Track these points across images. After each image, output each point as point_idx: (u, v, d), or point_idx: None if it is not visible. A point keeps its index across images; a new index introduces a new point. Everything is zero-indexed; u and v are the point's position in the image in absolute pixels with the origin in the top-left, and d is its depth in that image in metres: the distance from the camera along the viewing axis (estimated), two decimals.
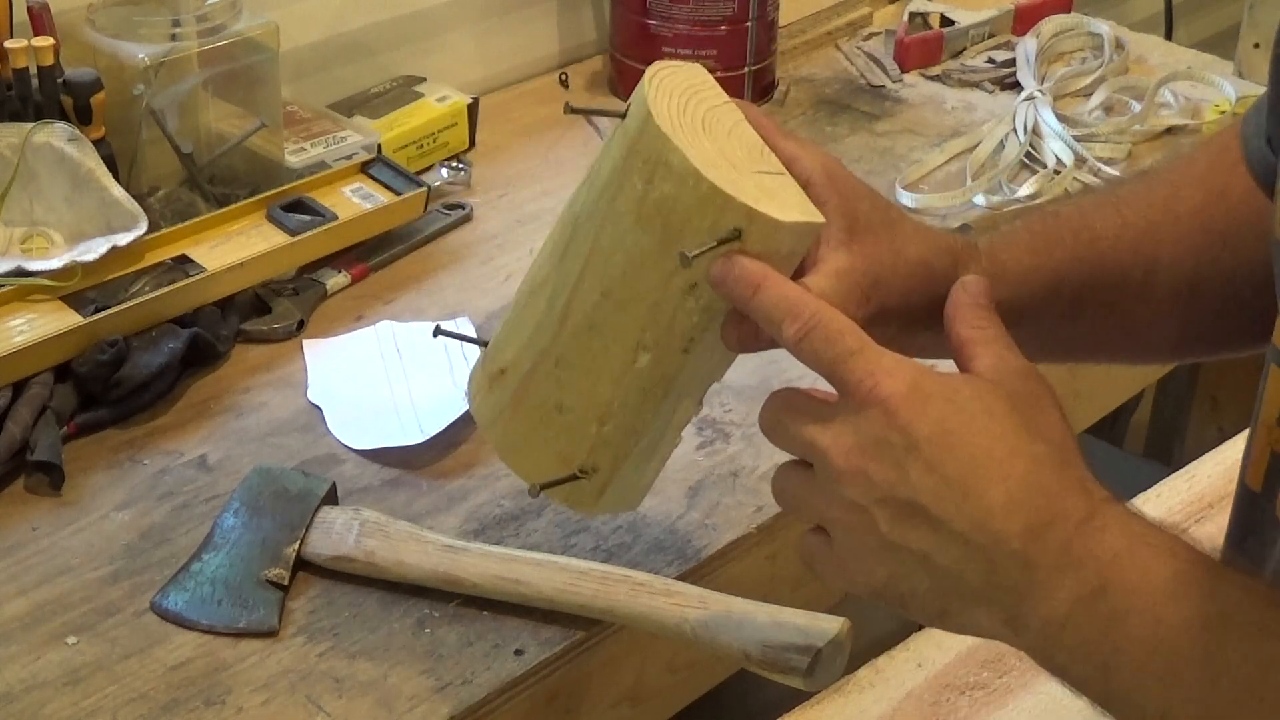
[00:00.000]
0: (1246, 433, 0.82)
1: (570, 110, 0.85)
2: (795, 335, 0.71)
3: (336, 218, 1.31)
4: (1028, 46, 1.73)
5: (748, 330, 0.75)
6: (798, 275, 0.78)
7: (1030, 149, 1.55)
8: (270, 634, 0.96)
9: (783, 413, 0.73)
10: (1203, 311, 0.88)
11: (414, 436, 1.12)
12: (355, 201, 1.34)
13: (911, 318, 0.81)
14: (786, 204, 0.74)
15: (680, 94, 0.75)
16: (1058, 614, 0.66)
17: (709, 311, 0.75)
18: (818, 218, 0.76)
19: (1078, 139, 1.55)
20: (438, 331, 0.92)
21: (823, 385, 0.73)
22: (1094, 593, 0.66)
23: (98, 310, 1.16)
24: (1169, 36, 2.13)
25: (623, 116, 0.76)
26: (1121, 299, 0.88)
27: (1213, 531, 1.23)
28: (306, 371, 1.21)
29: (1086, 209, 0.90)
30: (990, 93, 1.71)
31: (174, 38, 1.30)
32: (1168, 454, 1.99)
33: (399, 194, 1.35)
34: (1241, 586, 0.66)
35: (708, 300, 0.75)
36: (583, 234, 0.78)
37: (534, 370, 0.81)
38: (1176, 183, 0.90)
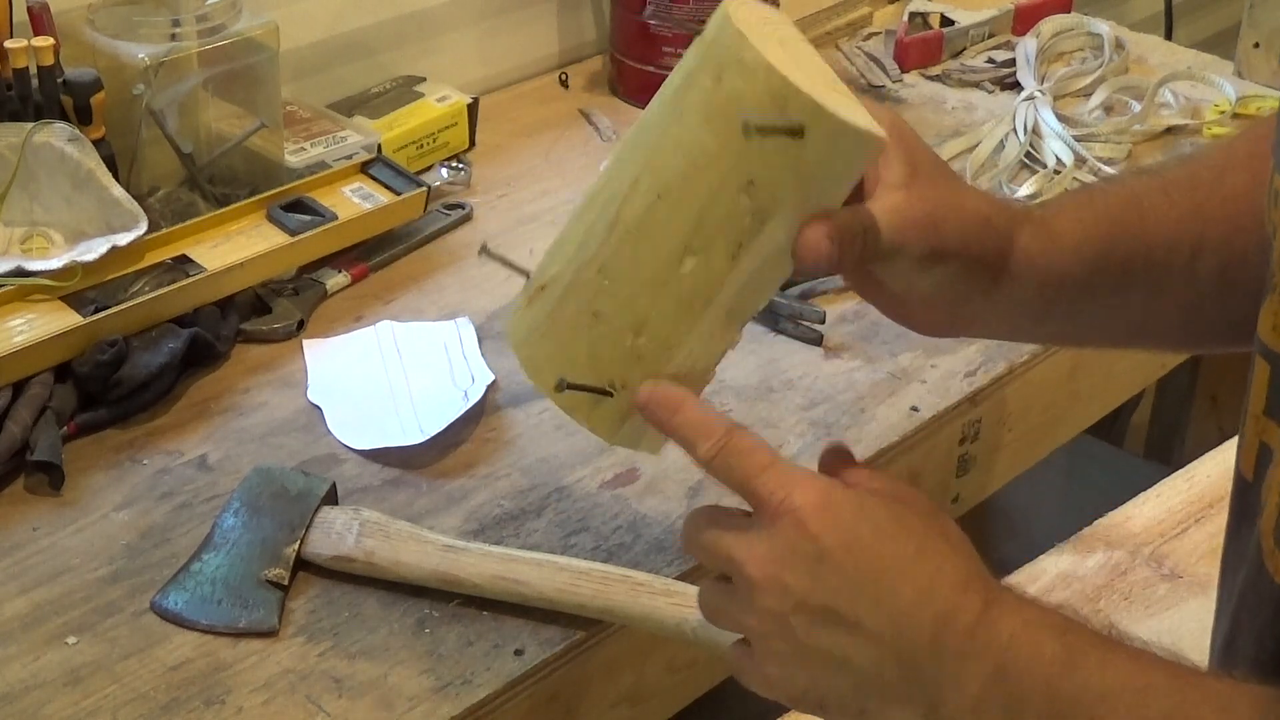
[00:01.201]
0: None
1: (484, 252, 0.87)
2: (708, 453, 0.74)
3: (336, 218, 1.31)
4: (1028, 46, 1.73)
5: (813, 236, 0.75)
6: (854, 199, 0.79)
7: (1030, 149, 1.55)
8: (270, 634, 0.96)
9: (701, 529, 0.75)
10: (1246, 296, 0.88)
11: (414, 436, 1.12)
12: (355, 201, 1.34)
13: (970, 267, 0.82)
14: (853, 114, 0.75)
15: (761, 19, 0.78)
16: (969, 700, 0.70)
17: (761, 215, 0.74)
18: (881, 133, 0.76)
19: (1078, 139, 1.54)
20: (483, 250, 0.87)
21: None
22: (996, 675, 0.69)
23: (98, 310, 1.16)
24: (1169, 36, 2.13)
25: (698, 32, 0.79)
26: (1168, 277, 0.88)
27: (1213, 531, 1.23)
28: (306, 371, 1.21)
29: (1134, 188, 0.90)
30: (990, 93, 1.71)
31: (174, 38, 1.30)
32: (1168, 454, 1.99)
33: (399, 194, 1.35)
34: (1130, 656, 0.71)
35: (762, 202, 0.74)
36: (643, 139, 0.78)
37: (575, 280, 0.79)
38: (1222, 166, 0.90)
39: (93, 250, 1.18)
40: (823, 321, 1.25)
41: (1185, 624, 1.13)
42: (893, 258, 0.80)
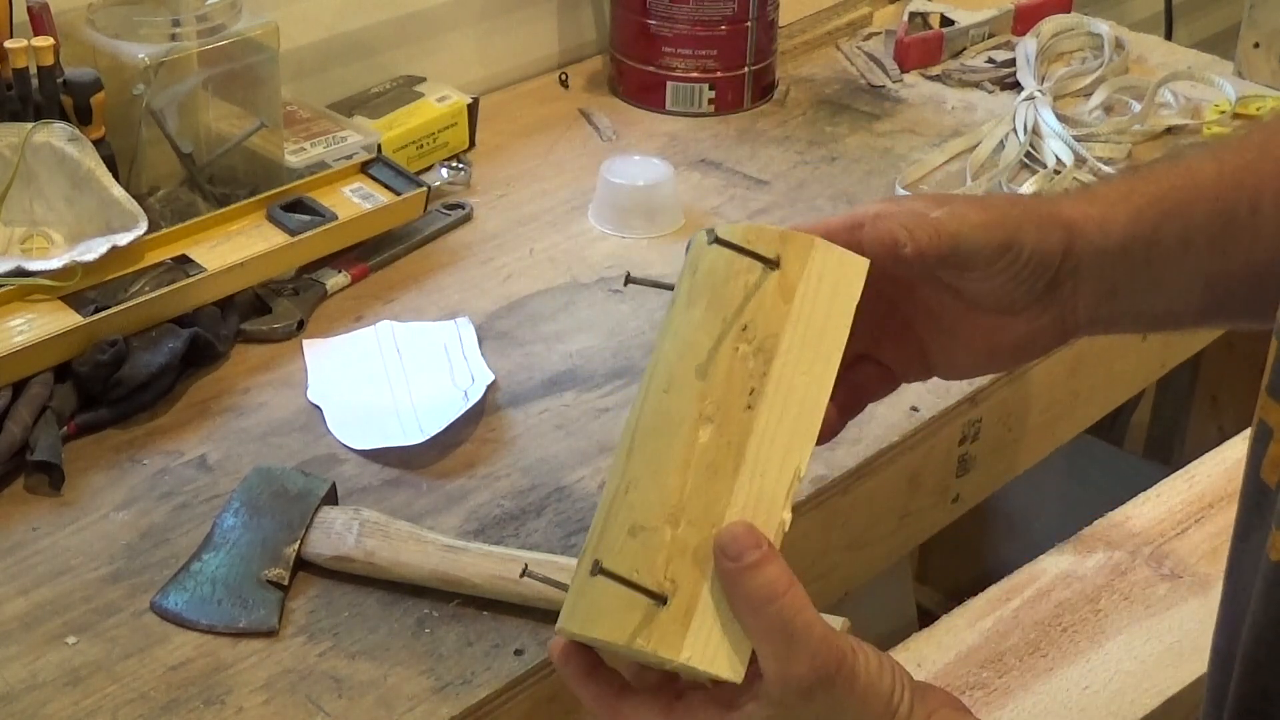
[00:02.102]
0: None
1: (630, 281, 0.81)
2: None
3: (336, 218, 1.31)
4: (1028, 46, 1.73)
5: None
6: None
7: (1030, 149, 1.55)
8: (270, 634, 0.96)
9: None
10: None
11: (414, 436, 1.12)
12: (355, 201, 1.34)
13: (1035, 256, 0.81)
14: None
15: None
16: None
17: (763, 353, 0.72)
18: (861, 257, 0.74)
19: (1078, 139, 1.55)
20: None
21: None
22: None
23: (98, 310, 1.16)
24: (1169, 36, 2.13)
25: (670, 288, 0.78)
26: (1232, 232, 0.84)
27: (1213, 531, 1.23)
28: (306, 371, 1.21)
29: (1180, 157, 0.88)
30: (990, 93, 1.71)
31: (174, 38, 1.30)
32: (1168, 454, 1.99)
33: (399, 194, 1.35)
34: None
35: (760, 338, 0.72)
36: (644, 378, 0.76)
37: (607, 518, 0.74)
38: (1273, 126, 0.89)
39: (93, 250, 1.18)
40: None
41: (1185, 624, 1.13)
42: (969, 259, 0.79)
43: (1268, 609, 0.73)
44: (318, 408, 1.17)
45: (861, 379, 0.86)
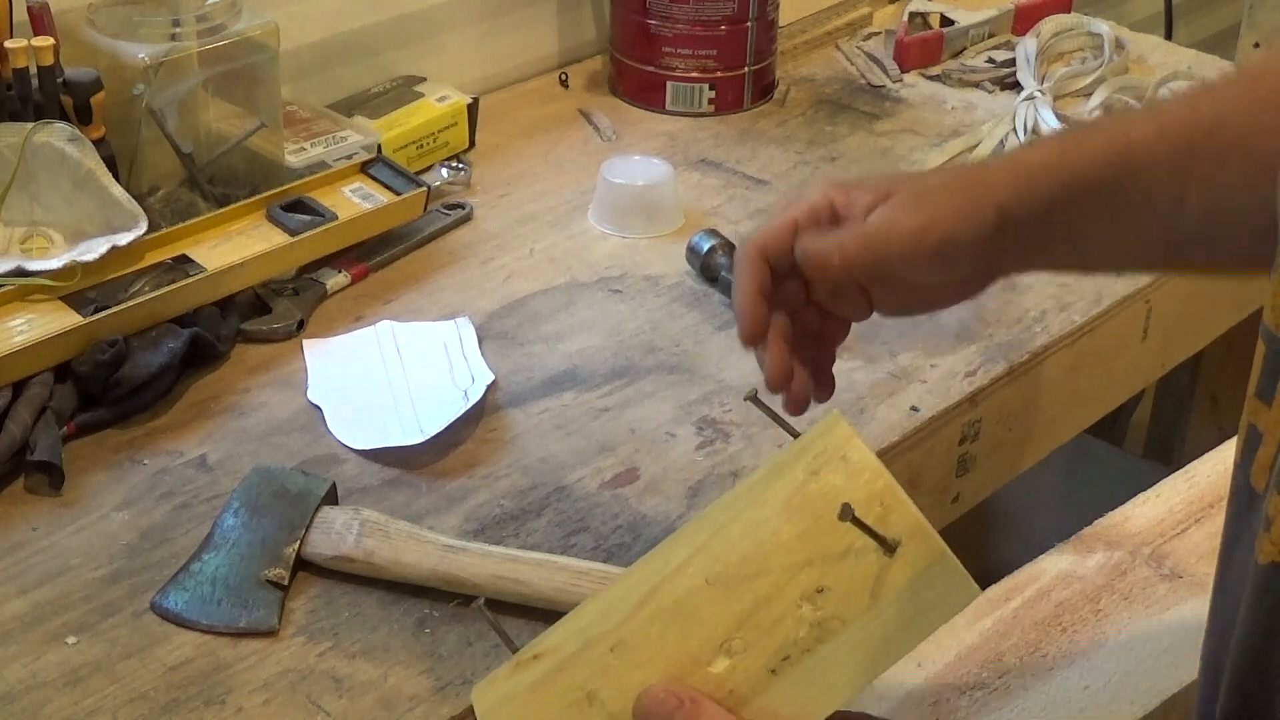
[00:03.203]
0: None
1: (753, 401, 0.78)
2: None
3: (336, 218, 1.31)
4: (1028, 46, 1.73)
5: None
6: None
7: None
8: (270, 634, 0.96)
9: None
10: (1229, 240, 0.89)
11: (414, 436, 1.12)
12: (355, 201, 1.34)
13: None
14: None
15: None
16: None
17: (820, 630, 0.66)
18: (976, 588, 0.68)
19: None
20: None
21: None
22: None
23: (98, 310, 1.16)
24: (1169, 36, 2.13)
25: (794, 435, 0.74)
26: (1156, 198, 0.87)
27: (1213, 531, 1.23)
28: (306, 371, 1.21)
29: (1126, 120, 0.93)
30: (990, 93, 1.71)
31: (174, 38, 1.30)
32: (1168, 454, 1.99)
33: (399, 194, 1.35)
34: None
35: (827, 614, 0.66)
36: (703, 526, 0.71)
37: (579, 654, 0.70)
38: (1207, 90, 0.90)
39: (93, 250, 1.18)
40: None
41: (1185, 624, 1.13)
42: (898, 269, 0.83)
43: (1256, 615, 0.73)
44: (318, 408, 1.17)
45: (825, 330, 0.91)
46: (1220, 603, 0.79)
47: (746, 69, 1.64)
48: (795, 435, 0.73)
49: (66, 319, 1.15)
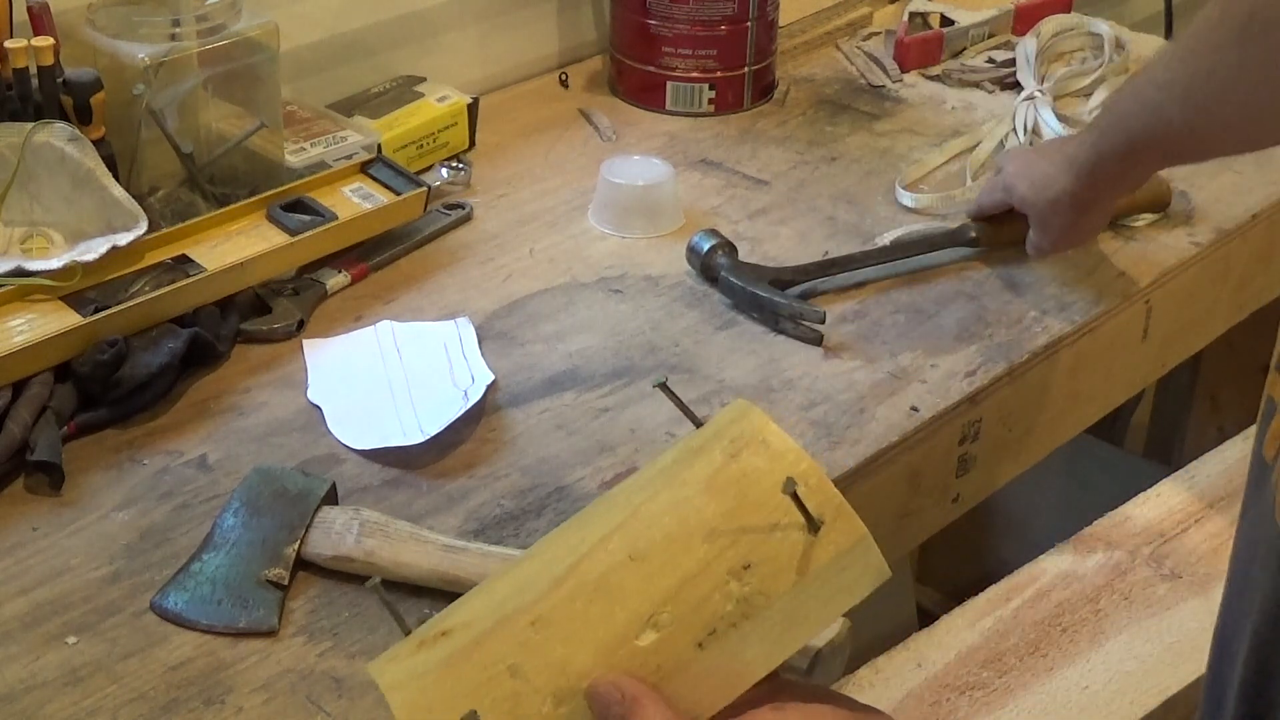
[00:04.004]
0: (1254, 428, 0.83)
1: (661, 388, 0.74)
2: None
3: (336, 218, 1.31)
4: (1028, 46, 1.73)
5: None
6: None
7: None
8: (270, 634, 0.96)
9: None
10: None
11: (414, 436, 1.12)
12: (355, 201, 1.34)
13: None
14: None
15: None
16: None
17: (746, 605, 0.67)
18: (888, 571, 0.69)
19: None
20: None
21: None
22: None
23: (98, 310, 1.16)
24: (1169, 36, 2.13)
25: (697, 424, 0.73)
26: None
27: (1213, 531, 1.23)
28: (306, 371, 1.21)
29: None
30: (990, 93, 1.71)
31: (174, 38, 1.30)
32: (1168, 454, 1.99)
33: (399, 194, 1.35)
34: None
35: (753, 590, 0.67)
36: (618, 506, 0.71)
37: (496, 630, 0.69)
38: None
39: (93, 250, 1.18)
40: (823, 321, 1.25)
41: (1185, 624, 1.13)
42: None
43: (1275, 583, 0.73)
44: (318, 408, 1.17)
45: None
46: (1232, 572, 0.81)
47: (746, 69, 1.64)
48: (699, 423, 0.73)
49: (66, 319, 1.15)
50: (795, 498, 0.66)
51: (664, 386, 0.73)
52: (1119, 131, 1.18)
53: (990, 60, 1.77)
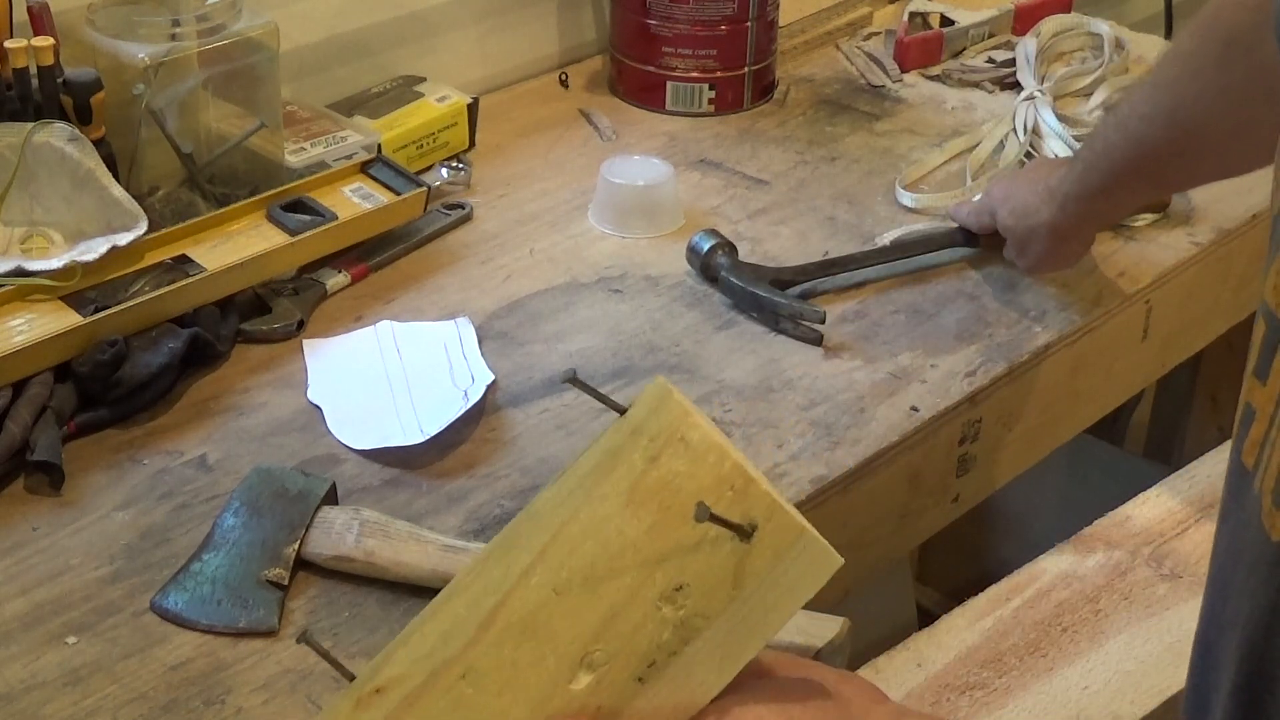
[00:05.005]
0: None
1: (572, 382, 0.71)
2: None
3: (336, 218, 1.31)
4: (1028, 46, 1.73)
5: None
6: None
7: (1030, 149, 1.55)
8: (270, 634, 0.96)
9: None
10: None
11: (414, 436, 1.12)
12: (355, 201, 1.34)
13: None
14: (807, 525, 0.65)
15: (690, 407, 0.67)
16: None
17: (684, 630, 0.62)
18: (838, 557, 0.65)
19: (1078, 139, 1.54)
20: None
21: None
22: None
23: (98, 310, 1.16)
24: (1169, 36, 2.13)
25: (620, 412, 0.68)
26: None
27: (1212, 531, 1.23)
28: (306, 371, 1.21)
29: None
30: (990, 92, 1.71)
31: (174, 38, 1.30)
32: (1168, 454, 1.99)
33: (399, 194, 1.35)
34: None
35: (689, 612, 0.62)
36: (540, 526, 0.66)
37: (428, 685, 0.65)
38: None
39: (93, 250, 1.18)
40: (823, 321, 1.25)
41: (1185, 624, 1.13)
42: None
43: (1267, 592, 0.73)
44: (318, 408, 1.17)
45: None
46: (1211, 579, 0.81)
47: (746, 69, 1.64)
48: (621, 411, 0.67)
49: (66, 319, 1.15)
50: (715, 518, 0.61)
51: (573, 379, 0.68)
52: (1103, 165, 1.19)
53: (990, 60, 1.77)
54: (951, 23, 1.80)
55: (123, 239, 1.19)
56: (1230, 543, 0.78)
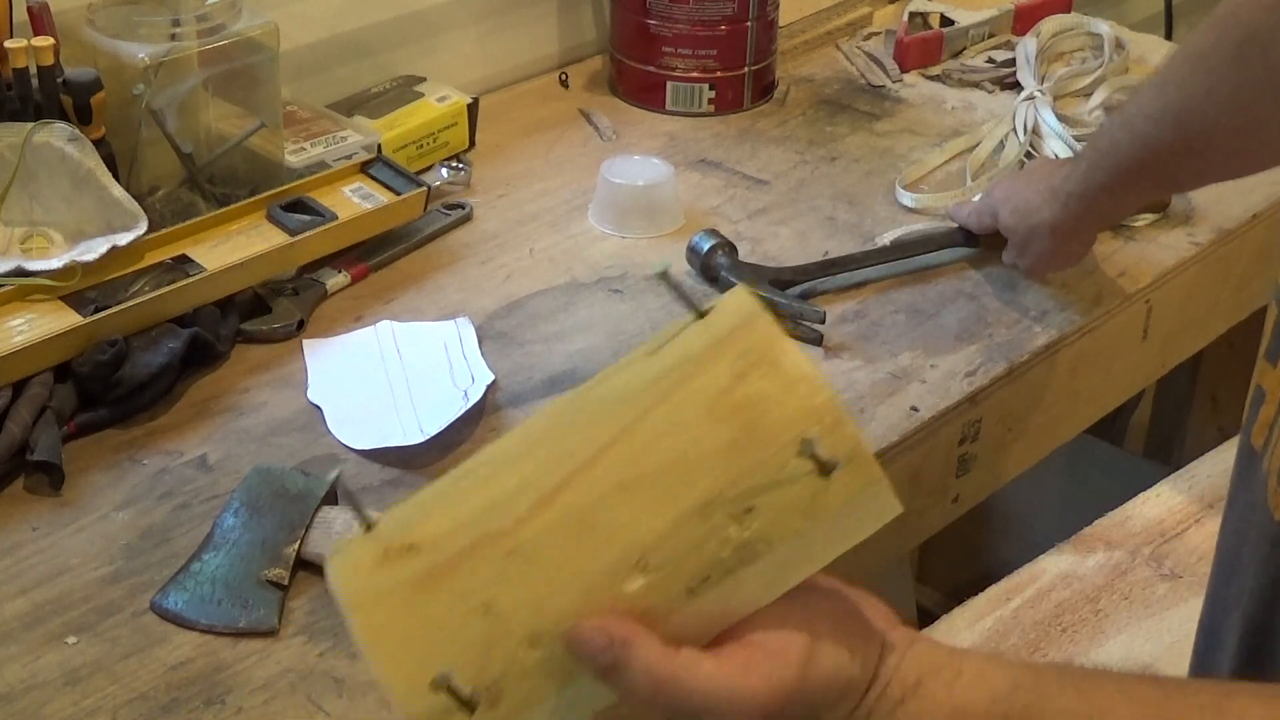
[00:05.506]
0: None
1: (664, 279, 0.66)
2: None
3: (336, 218, 1.31)
4: (1028, 46, 1.73)
5: None
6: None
7: (1030, 149, 1.55)
8: (270, 634, 0.96)
9: None
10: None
11: (414, 436, 1.12)
12: (355, 201, 1.34)
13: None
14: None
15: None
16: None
17: (745, 552, 0.62)
18: (898, 506, 0.66)
19: (1078, 139, 1.54)
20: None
21: None
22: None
23: (98, 310, 1.16)
24: (1169, 36, 2.14)
25: (698, 314, 0.65)
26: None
27: (1212, 531, 1.23)
28: (306, 371, 1.21)
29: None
30: (990, 92, 1.71)
31: (174, 38, 1.30)
32: (1168, 454, 1.99)
33: (399, 194, 1.35)
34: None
35: (754, 536, 0.62)
36: (608, 416, 0.63)
37: (469, 553, 0.63)
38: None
39: (93, 250, 1.18)
40: (823, 321, 1.25)
41: (1185, 624, 1.13)
42: None
43: (1269, 569, 0.74)
44: (318, 408, 1.17)
45: None
46: (1218, 560, 0.81)
47: (746, 69, 1.64)
48: (701, 315, 0.65)
49: (66, 319, 1.15)
50: (809, 450, 0.61)
51: (665, 276, 0.65)
52: (1109, 164, 1.18)
53: (990, 60, 1.77)
54: (951, 23, 1.80)
55: (123, 239, 1.19)
56: (1237, 524, 0.79)
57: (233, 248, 1.25)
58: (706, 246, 1.33)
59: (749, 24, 1.62)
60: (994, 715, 0.64)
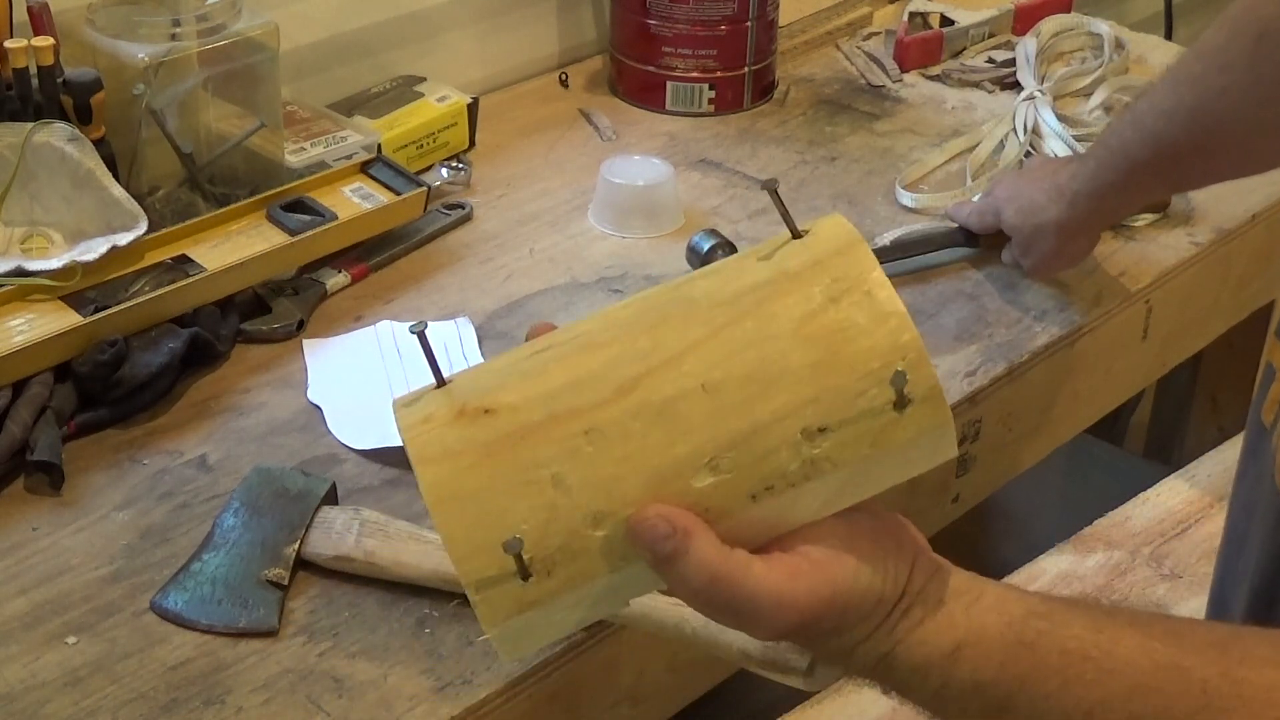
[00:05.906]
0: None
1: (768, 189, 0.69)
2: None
3: (336, 218, 1.31)
4: (1028, 46, 1.73)
5: None
6: None
7: (1030, 149, 1.55)
8: (270, 634, 0.96)
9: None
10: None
11: None
12: (355, 201, 1.34)
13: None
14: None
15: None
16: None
17: (811, 469, 0.64)
18: (955, 451, 0.69)
19: (1078, 139, 1.55)
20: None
21: None
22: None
23: (98, 310, 1.16)
24: (1169, 36, 2.13)
25: (797, 235, 0.68)
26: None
27: (1213, 531, 1.23)
28: (306, 371, 1.21)
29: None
30: (990, 92, 1.71)
31: (174, 38, 1.30)
32: (1168, 454, 1.99)
33: (399, 194, 1.35)
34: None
35: (822, 455, 0.64)
36: (697, 317, 0.66)
37: (544, 425, 0.65)
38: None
39: (93, 250, 1.18)
40: None
41: None
42: None
43: (1276, 540, 0.74)
44: (318, 408, 1.17)
45: None
46: (1227, 535, 0.82)
47: (746, 69, 1.64)
48: (799, 235, 0.67)
49: (66, 319, 1.15)
50: (896, 386, 0.64)
51: (773, 190, 0.67)
52: (1120, 161, 1.18)
53: (990, 60, 1.77)
54: (951, 23, 1.80)
55: (123, 239, 1.19)
56: (1246, 499, 0.79)
57: (233, 248, 1.25)
58: (706, 246, 1.33)
59: (749, 24, 1.62)
60: (1008, 638, 0.67)
